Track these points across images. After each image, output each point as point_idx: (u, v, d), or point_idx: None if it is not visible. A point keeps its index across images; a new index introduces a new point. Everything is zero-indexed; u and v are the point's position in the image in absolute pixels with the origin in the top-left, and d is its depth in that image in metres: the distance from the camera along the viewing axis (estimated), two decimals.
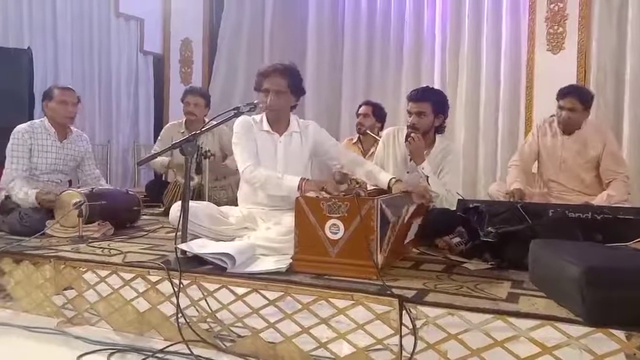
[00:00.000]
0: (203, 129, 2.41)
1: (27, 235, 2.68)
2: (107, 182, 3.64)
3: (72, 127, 3.33)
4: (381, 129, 4.32)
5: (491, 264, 2.20)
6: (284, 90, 2.59)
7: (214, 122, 2.47)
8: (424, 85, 3.38)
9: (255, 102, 2.48)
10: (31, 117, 4.40)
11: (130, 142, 6.35)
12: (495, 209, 2.31)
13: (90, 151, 3.47)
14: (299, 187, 2.34)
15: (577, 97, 3.32)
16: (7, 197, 3.06)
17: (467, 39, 5.28)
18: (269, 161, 2.60)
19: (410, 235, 2.35)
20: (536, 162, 3.60)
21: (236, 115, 2.41)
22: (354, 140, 4.41)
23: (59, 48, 5.52)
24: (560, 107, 3.37)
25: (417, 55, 5.60)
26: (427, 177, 2.80)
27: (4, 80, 4.37)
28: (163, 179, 4.47)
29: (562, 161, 3.43)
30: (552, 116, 3.53)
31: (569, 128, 3.39)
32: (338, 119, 6.00)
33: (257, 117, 2.68)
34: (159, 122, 6.25)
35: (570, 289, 1.54)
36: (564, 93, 3.37)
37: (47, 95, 3.20)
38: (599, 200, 3.17)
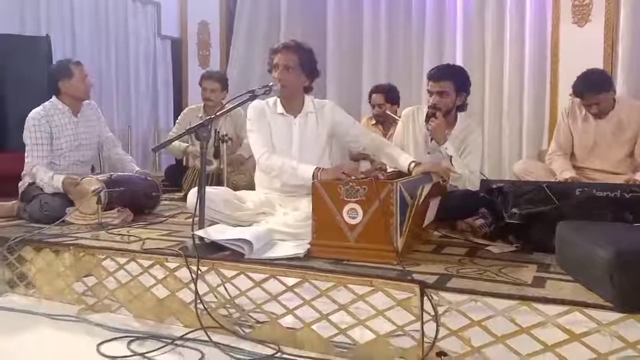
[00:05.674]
0: (218, 114, 2.37)
1: (47, 223, 2.70)
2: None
3: None
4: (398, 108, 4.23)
5: (516, 247, 2.14)
6: (292, 65, 2.51)
7: (230, 106, 2.43)
8: (445, 63, 3.28)
9: (271, 84, 2.41)
10: None
11: (150, 127, 6.35)
12: (519, 190, 2.23)
13: (102, 116, 3.44)
14: (314, 177, 2.26)
15: (596, 89, 3.16)
16: (30, 185, 3.07)
17: (491, 12, 5.11)
18: (285, 145, 2.55)
19: (430, 216, 2.29)
20: None
21: (251, 99, 2.37)
22: (374, 122, 4.31)
23: (77, 34, 5.52)
24: (587, 106, 3.21)
25: (439, 33, 5.43)
26: (451, 157, 2.72)
27: (24, 68, 4.37)
28: (183, 164, 4.46)
29: (595, 145, 3.29)
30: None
31: (603, 116, 3.26)
32: (359, 101, 5.89)
33: (271, 101, 2.62)
34: (179, 107, 6.23)
35: (599, 273, 1.48)
36: (580, 91, 3.20)
37: (63, 74, 3.13)
38: None
